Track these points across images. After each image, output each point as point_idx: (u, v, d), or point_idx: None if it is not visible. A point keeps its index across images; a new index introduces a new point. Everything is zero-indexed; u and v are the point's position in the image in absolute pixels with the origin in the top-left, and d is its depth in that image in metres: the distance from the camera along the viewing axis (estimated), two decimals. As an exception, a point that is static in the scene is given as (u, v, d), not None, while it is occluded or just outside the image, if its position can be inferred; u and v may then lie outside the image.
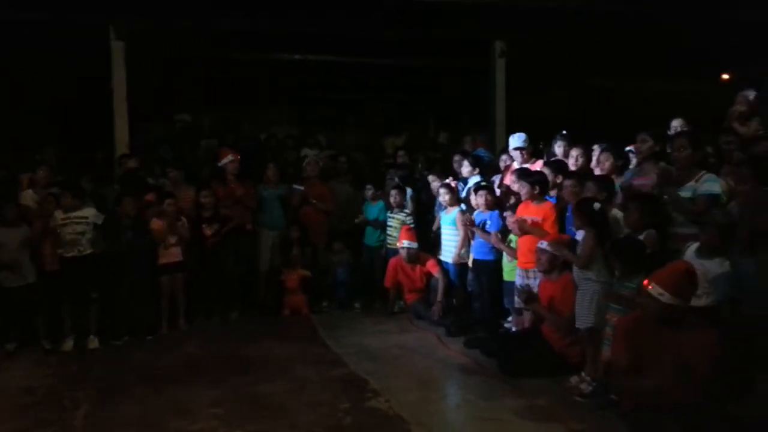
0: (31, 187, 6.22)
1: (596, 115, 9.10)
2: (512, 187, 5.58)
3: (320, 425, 3.86)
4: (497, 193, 5.96)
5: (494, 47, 8.70)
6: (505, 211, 5.61)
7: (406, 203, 6.77)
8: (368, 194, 6.94)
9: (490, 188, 5.91)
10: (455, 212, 6.10)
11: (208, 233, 6.13)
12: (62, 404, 4.28)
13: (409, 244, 6.31)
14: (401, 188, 6.77)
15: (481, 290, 5.82)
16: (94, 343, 5.51)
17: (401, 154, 7.84)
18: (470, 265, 5.95)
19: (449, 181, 6.42)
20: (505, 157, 6.46)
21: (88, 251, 5.55)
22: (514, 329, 5.41)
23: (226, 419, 3.96)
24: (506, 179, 6.03)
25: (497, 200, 5.83)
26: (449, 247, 6.16)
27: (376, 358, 5.15)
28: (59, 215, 5.54)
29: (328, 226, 6.92)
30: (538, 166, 5.75)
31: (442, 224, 6.29)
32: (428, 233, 6.63)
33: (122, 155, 7.53)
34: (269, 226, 6.67)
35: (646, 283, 3.38)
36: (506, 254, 5.50)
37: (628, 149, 5.28)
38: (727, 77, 10.73)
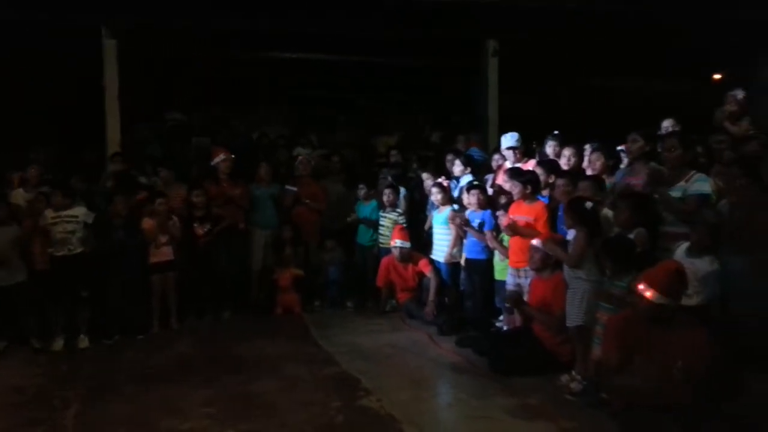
0: (21, 186, 6.19)
1: (589, 114, 9.13)
2: (504, 186, 5.59)
3: (312, 424, 3.86)
4: (489, 192, 5.97)
5: (487, 46, 8.71)
6: (497, 210, 5.64)
7: (399, 203, 6.77)
8: (361, 194, 6.94)
9: (482, 187, 5.92)
10: (447, 211, 6.11)
11: (199, 232, 6.12)
12: (52, 404, 4.26)
13: (401, 243, 6.31)
14: (395, 187, 6.77)
15: (473, 289, 5.83)
16: (84, 342, 5.48)
17: (394, 153, 7.84)
18: (462, 264, 5.97)
19: (441, 180, 6.42)
20: (497, 156, 6.47)
21: (78, 250, 5.53)
22: (505, 328, 5.42)
23: (217, 418, 3.95)
24: (498, 179, 6.05)
25: (489, 199, 5.84)
26: (441, 246, 6.17)
27: (368, 357, 5.15)
28: (49, 214, 5.52)
29: (320, 225, 6.92)
30: (530, 165, 5.76)
31: (434, 223, 6.30)
32: (421, 232, 6.63)
33: (114, 154, 7.51)
34: (262, 225, 6.66)
35: (636, 282, 3.40)
36: (498, 253, 5.52)
37: (619, 149, 5.30)
38: (719, 77, 10.78)
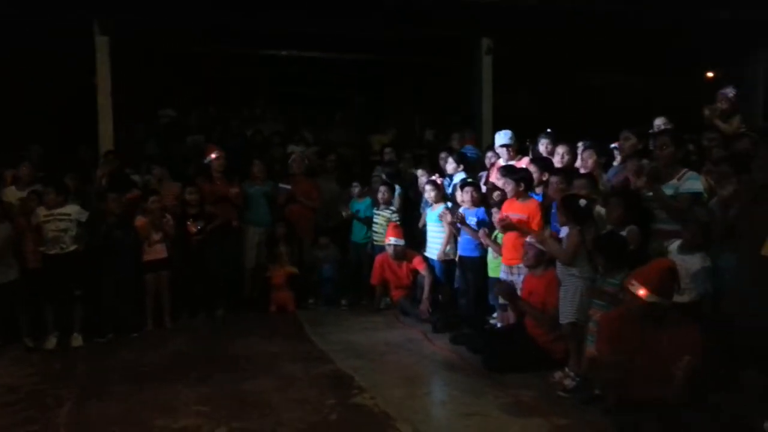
0: (14, 184, 6.15)
1: (584, 112, 9.15)
2: (497, 183, 5.61)
3: (306, 422, 3.86)
4: (483, 190, 5.98)
5: (481, 45, 8.72)
6: (490, 208, 5.65)
7: (393, 200, 6.77)
8: (354, 191, 6.94)
9: (475, 185, 5.93)
10: (441, 209, 6.12)
11: (192, 230, 6.11)
12: (45, 402, 4.24)
13: (395, 241, 6.32)
14: (390, 185, 6.78)
15: (466, 287, 5.85)
16: (77, 340, 5.47)
17: (388, 151, 7.84)
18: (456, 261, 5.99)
19: (435, 177, 6.43)
20: (490, 154, 6.48)
21: (71, 249, 5.50)
22: (499, 325, 5.44)
23: (211, 417, 3.94)
24: (492, 176, 6.06)
25: (483, 197, 5.85)
26: (435, 243, 6.19)
27: (362, 354, 5.15)
28: (41, 212, 5.49)
29: (314, 222, 6.91)
30: (523, 163, 5.78)
31: (427, 221, 6.31)
32: (415, 230, 6.64)
33: (107, 152, 7.49)
34: (255, 223, 6.66)
35: (628, 279, 3.42)
36: (492, 250, 5.53)
37: (613, 146, 5.32)
38: (711, 75, 10.82)
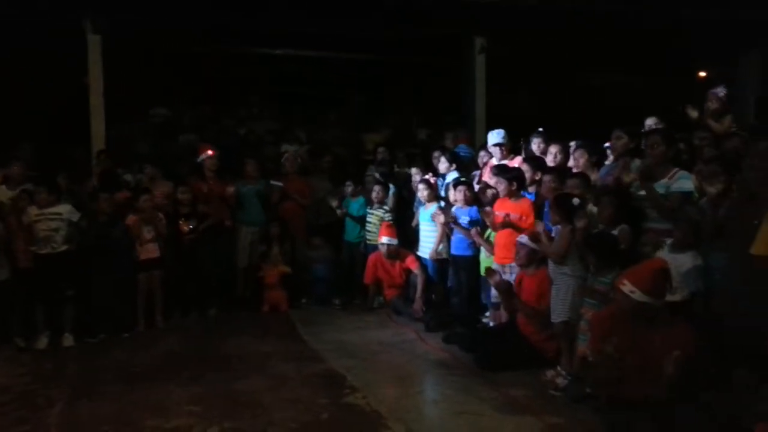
0: (5, 183, 6.11)
1: (582, 111, 9.15)
2: (490, 183, 5.62)
3: (298, 421, 3.85)
4: (476, 188, 5.99)
5: (474, 44, 8.73)
6: (483, 206, 5.66)
7: (387, 200, 6.77)
8: (348, 191, 6.94)
9: (468, 184, 5.94)
10: (434, 208, 6.12)
11: (184, 230, 6.09)
12: (36, 403, 4.22)
13: (388, 240, 6.32)
14: (384, 185, 6.78)
15: (459, 286, 5.86)
16: (68, 340, 5.44)
17: (381, 150, 7.84)
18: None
19: (428, 176, 6.43)
20: (483, 153, 6.49)
21: (62, 248, 5.47)
22: (491, 324, 5.45)
23: (203, 416, 3.93)
24: (485, 175, 6.07)
25: (476, 196, 5.86)
26: (427, 242, 6.19)
27: (354, 354, 5.15)
28: (33, 211, 5.46)
29: (306, 221, 6.90)
30: (516, 162, 5.79)
31: (420, 220, 6.31)
32: (408, 229, 6.64)
33: (99, 151, 7.47)
34: (248, 222, 6.64)
35: (619, 279, 3.43)
36: (484, 249, 5.54)
37: (606, 146, 5.33)
38: (703, 75, 10.87)
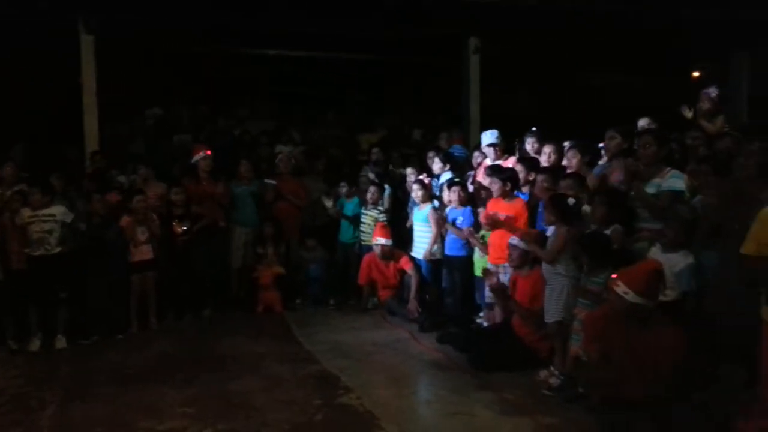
0: (-3, 184, 6.09)
1: (581, 111, 9.17)
2: (484, 183, 5.62)
3: (291, 422, 3.85)
4: (470, 189, 5.99)
5: (468, 44, 8.74)
6: (477, 207, 5.67)
7: (382, 200, 6.77)
8: (342, 191, 6.94)
9: (462, 184, 5.94)
10: (428, 209, 6.12)
11: (178, 231, 6.07)
12: (29, 405, 4.21)
13: (383, 241, 6.31)
14: (379, 185, 6.78)
15: (453, 286, 5.86)
16: (61, 342, 5.42)
17: (375, 151, 7.84)
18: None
19: (422, 177, 6.43)
20: (477, 153, 6.50)
21: (56, 250, 5.45)
22: (485, 324, 5.46)
23: (196, 418, 3.93)
24: (479, 176, 6.08)
25: (470, 196, 5.86)
26: (421, 243, 6.19)
27: (349, 354, 5.15)
28: (26, 213, 5.43)
29: (301, 221, 6.90)
30: (510, 162, 5.80)
31: (414, 221, 6.31)
32: (402, 230, 6.64)
33: (94, 152, 7.45)
34: (242, 223, 6.63)
35: (613, 279, 3.43)
36: (478, 250, 5.55)
37: (600, 146, 5.33)
38: (697, 74, 10.90)
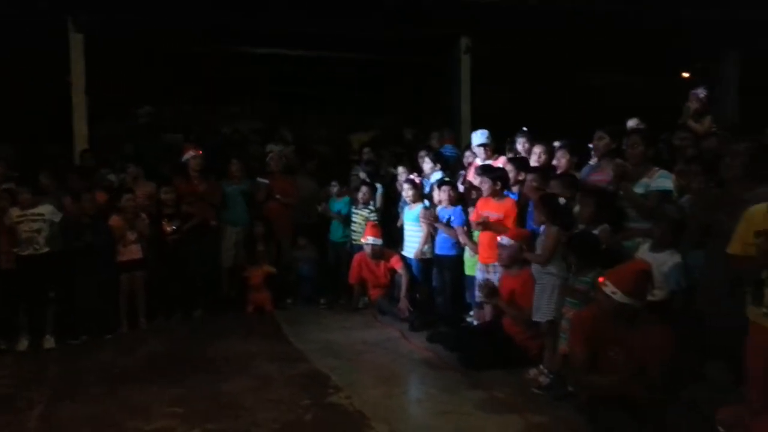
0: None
1: (567, 111, 9.20)
2: (475, 183, 5.63)
3: (280, 422, 3.85)
4: (460, 189, 6.00)
5: (459, 43, 8.75)
6: (468, 206, 5.68)
7: (374, 200, 6.78)
8: (333, 190, 6.93)
9: (452, 184, 5.95)
10: (419, 208, 6.13)
11: (167, 230, 6.05)
12: (16, 405, 4.19)
13: (373, 240, 6.32)
14: (371, 185, 6.78)
15: (443, 285, 5.87)
16: (49, 342, 5.39)
17: (366, 150, 7.84)
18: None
19: (413, 176, 6.44)
20: (468, 153, 6.51)
21: (44, 250, 5.43)
22: (475, 323, 5.47)
23: (185, 418, 3.92)
24: (469, 175, 6.09)
25: (460, 196, 5.87)
26: (412, 242, 6.19)
27: (339, 354, 5.16)
28: (14, 212, 5.41)
29: (292, 220, 6.89)
30: (500, 162, 5.81)
31: (405, 220, 6.31)
32: (393, 228, 6.64)
33: (83, 151, 7.41)
34: (232, 222, 6.61)
35: (601, 280, 3.46)
36: (469, 249, 5.56)
37: (591, 146, 5.35)
38: (686, 75, 10.96)
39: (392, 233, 6.61)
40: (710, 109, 5.41)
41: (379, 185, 6.96)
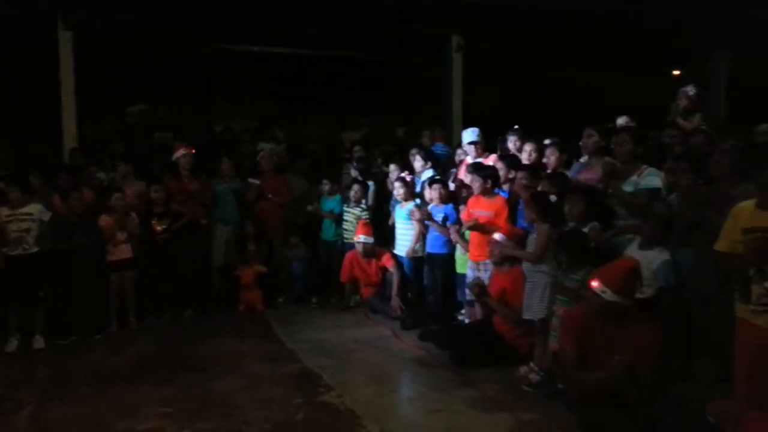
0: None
1: (558, 109, 9.22)
2: (466, 181, 5.64)
3: (271, 421, 3.85)
4: (451, 187, 6.01)
5: (451, 42, 8.75)
6: (459, 205, 5.68)
7: (365, 198, 6.77)
8: (325, 189, 6.92)
9: (443, 182, 5.95)
10: (410, 207, 6.12)
11: (157, 229, 6.02)
12: (4, 406, 4.16)
13: (365, 239, 6.31)
14: (363, 183, 6.77)
15: (434, 283, 5.87)
16: (39, 342, 5.36)
17: (357, 149, 7.83)
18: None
19: (404, 175, 6.44)
20: (460, 151, 6.52)
21: (34, 249, 5.39)
22: (467, 321, 5.48)
23: (175, 418, 3.91)
24: (460, 174, 6.09)
25: (451, 194, 5.88)
26: (403, 241, 6.19)
27: (330, 353, 5.15)
28: (3, 212, 5.37)
29: (284, 219, 6.88)
30: (491, 160, 5.82)
31: (396, 218, 6.30)
32: (384, 227, 6.64)
33: (73, 149, 7.37)
34: (223, 221, 6.58)
35: (594, 285, 3.46)
36: (460, 247, 5.56)
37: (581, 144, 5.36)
38: (677, 73, 11.00)
39: (384, 231, 6.61)
40: (700, 107, 5.43)
41: (371, 183, 6.95)
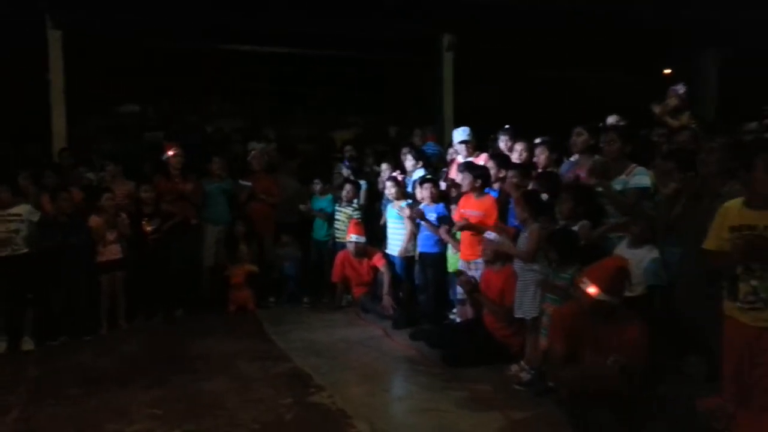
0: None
1: (549, 108, 9.23)
2: (456, 180, 5.64)
3: (260, 422, 3.83)
4: (442, 186, 6.01)
5: (442, 41, 8.75)
6: (450, 204, 5.69)
7: (358, 197, 6.76)
8: (316, 189, 6.90)
9: (434, 181, 5.95)
10: (403, 205, 6.11)
11: (147, 229, 5.99)
12: (-7, 408, 4.13)
13: (357, 238, 6.31)
14: (355, 183, 6.75)
15: (426, 283, 5.88)
16: (28, 344, 5.31)
17: (348, 148, 7.82)
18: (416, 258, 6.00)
19: (396, 174, 6.43)
20: (451, 150, 6.52)
21: (22, 250, 5.35)
22: (458, 320, 5.48)
23: (164, 419, 3.89)
24: (452, 173, 6.10)
25: (442, 193, 5.88)
26: (395, 240, 6.19)
27: (321, 352, 5.14)
28: (-8, 213, 5.33)
29: (275, 219, 6.86)
30: (482, 159, 5.82)
31: (388, 218, 6.30)
32: (375, 226, 6.63)
33: (62, 149, 7.33)
34: (213, 221, 6.56)
35: (579, 278, 3.47)
36: (451, 246, 5.56)
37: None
38: (668, 72, 11.04)
39: (375, 231, 6.60)
40: (689, 105, 5.45)
41: (362, 182, 6.94)
